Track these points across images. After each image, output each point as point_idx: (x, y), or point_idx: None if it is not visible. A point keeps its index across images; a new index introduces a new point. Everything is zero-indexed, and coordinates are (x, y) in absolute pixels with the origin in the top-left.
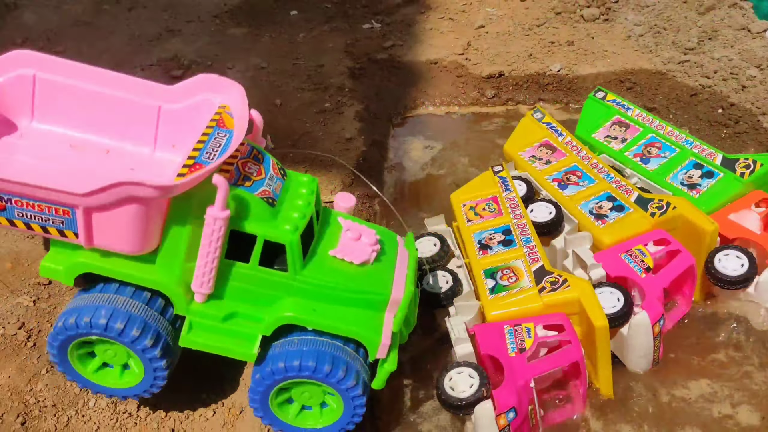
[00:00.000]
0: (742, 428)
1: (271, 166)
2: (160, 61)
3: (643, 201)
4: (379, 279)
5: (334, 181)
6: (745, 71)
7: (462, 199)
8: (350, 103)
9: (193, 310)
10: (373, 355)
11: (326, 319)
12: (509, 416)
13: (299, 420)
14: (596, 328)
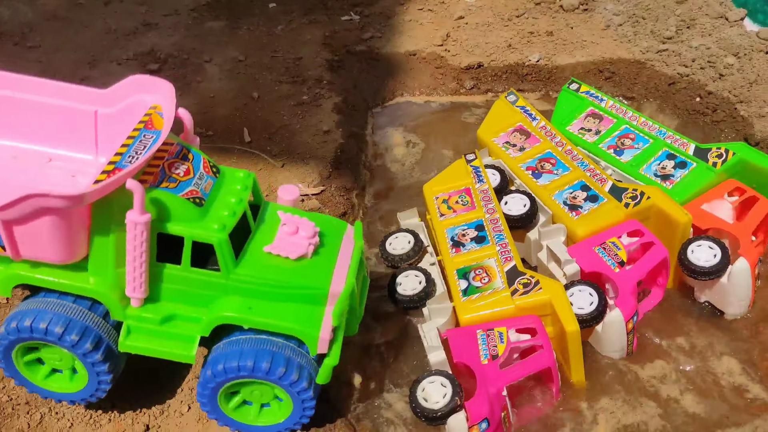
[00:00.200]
0: (687, 414)
1: (202, 164)
2: (137, 56)
3: (617, 191)
4: (318, 273)
5: (312, 174)
6: (723, 59)
7: (435, 191)
8: (328, 95)
9: (129, 315)
10: (313, 350)
11: (262, 317)
12: (482, 427)
13: (249, 417)
14: (567, 333)
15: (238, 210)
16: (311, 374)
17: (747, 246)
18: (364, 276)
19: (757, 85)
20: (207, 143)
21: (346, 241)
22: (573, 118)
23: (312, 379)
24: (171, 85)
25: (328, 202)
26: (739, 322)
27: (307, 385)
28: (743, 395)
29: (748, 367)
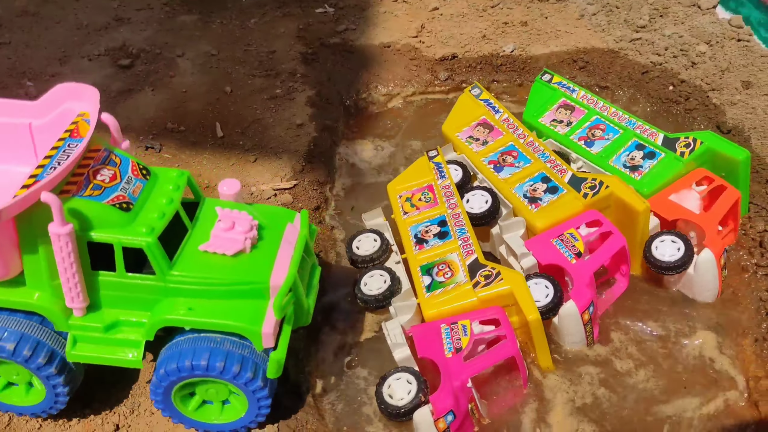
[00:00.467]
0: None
1: (130, 168)
2: (108, 51)
3: (577, 181)
4: (258, 267)
5: (285, 168)
6: (695, 47)
7: (398, 190)
8: (302, 88)
9: (73, 325)
10: (258, 345)
11: (203, 317)
12: (448, 419)
13: (204, 415)
14: (529, 321)
15: (168, 211)
16: (266, 371)
17: (712, 236)
18: (314, 265)
19: (729, 73)
20: (179, 139)
21: (289, 232)
22: (545, 110)
23: (267, 378)
24: (96, 90)
25: (301, 196)
26: (707, 307)
27: (262, 383)
28: (706, 376)
29: (713, 350)
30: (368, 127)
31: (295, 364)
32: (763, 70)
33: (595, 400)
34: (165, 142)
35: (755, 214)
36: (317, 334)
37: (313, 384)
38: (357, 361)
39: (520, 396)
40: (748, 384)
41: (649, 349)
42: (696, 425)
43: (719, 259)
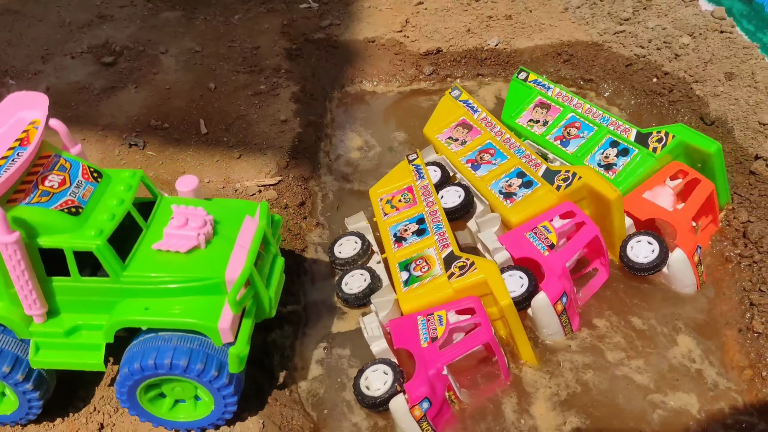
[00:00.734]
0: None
1: (80, 172)
2: (91, 48)
3: (550, 174)
4: (213, 262)
5: (269, 164)
6: (678, 40)
7: (379, 194)
8: (286, 84)
9: (34, 332)
10: (217, 341)
11: (159, 316)
12: (423, 407)
13: (172, 414)
14: (503, 306)
15: (119, 212)
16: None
17: (684, 234)
18: (276, 256)
19: (712, 65)
20: (162, 136)
21: (247, 225)
22: (522, 110)
23: (233, 375)
24: (45, 97)
25: (286, 192)
26: (690, 297)
27: (226, 381)
28: (690, 366)
29: (696, 341)
30: (353, 121)
31: (280, 360)
32: (745, 61)
33: (574, 391)
34: (149, 139)
35: (738, 205)
36: (303, 330)
37: (298, 380)
38: (342, 356)
39: (500, 386)
40: (731, 374)
41: (631, 339)
42: (680, 415)
43: (692, 257)
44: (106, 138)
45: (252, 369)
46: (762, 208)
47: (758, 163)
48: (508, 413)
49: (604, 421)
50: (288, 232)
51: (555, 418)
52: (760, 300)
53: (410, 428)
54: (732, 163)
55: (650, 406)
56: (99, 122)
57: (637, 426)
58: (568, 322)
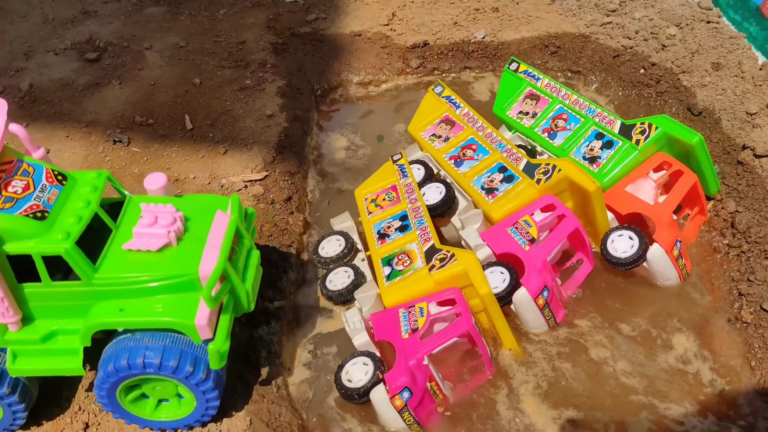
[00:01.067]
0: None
1: (44, 175)
2: (75, 45)
3: (531, 168)
4: (185, 258)
5: (255, 159)
6: (665, 30)
7: (364, 194)
8: (272, 79)
9: (10, 340)
10: (195, 338)
11: (134, 316)
12: (404, 396)
13: (155, 413)
14: (482, 296)
15: (86, 214)
16: (216, 372)
17: (662, 228)
18: (251, 249)
19: (699, 55)
20: (147, 132)
21: (219, 219)
22: (513, 101)
23: (213, 372)
24: (4, 102)
25: (273, 187)
26: (678, 288)
27: (203, 376)
28: (678, 357)
29: (685, 331)
30: (340, 116)
31: (267, 356)
32: (732, 51)
33: (559, 382)
34: (133, 135)
35: (726, 195)
36: (289, 326)
37: (285, 376)
38: (329, 352)
39: (484, 378)
40: (720, 363)
41: (619, 330)
42: (668, 404)
43: (671, 251)
44: (90, 135)
45: (239, 365)
46: (750, 198)
47: (746, 153)
48: (490, 405)
49: (589, 411)
50: (275, 227)
51: (538, 407)
52: (748, 290)
53: (391, 419)
54: (720, 154)
55: (636, 395)
56: (83, 119)
57: (623, 414)
58: (551, 315)
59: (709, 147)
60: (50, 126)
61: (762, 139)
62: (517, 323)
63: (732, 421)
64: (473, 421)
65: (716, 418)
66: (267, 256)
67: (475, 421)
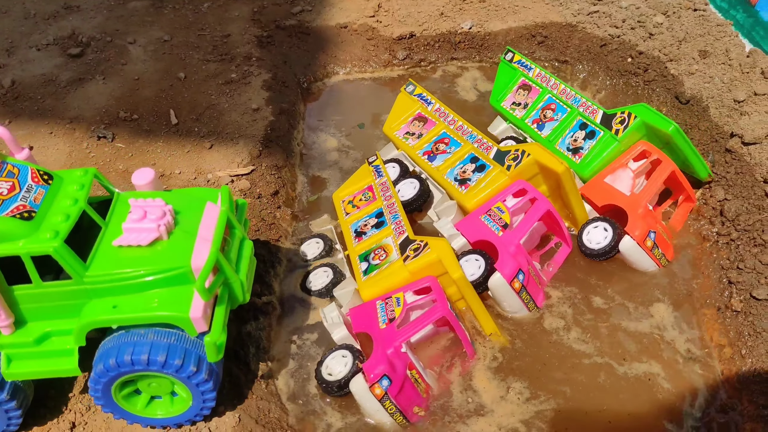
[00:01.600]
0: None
1: (30, 176)
2: (57, 40)
3: (501, 155)
4: (178, 251)
5: (242, 154)
6: (652, 18)
7: (341, 196)
8: (257, 72)
9: (4, 344)
10: (191, 331)
11: (128, 313)
12: (383, 384)
13: (149, 410)
14: (455, 280)
15: (73, 212)
16: (210, 365)
17: (634, 220)
18: (243, 239)
19: (686, 43)
20: (132, 127)
21: (209, 211)
22: (507, 92)
23: (212, 371)
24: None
25: (259, 182)
26: (668, 276)
27: (206, 377)
28: (667, 345)
29: (673, 319)
30: (326, 108)
31: (256, 352)
32: (719, 39)
33: (544, 368)
34: (117, 131)
35: (715, 183)
36: (277, 321)
37: (274, 371)
38: (317, 345)
39: (467, 365)
40: (710, 352)
41: (608, 317)
42: (659, 393)
43: (643, 242)
44: (74, 131)
45: (227, 362)
46: (738, 186)
47: (734, 140)
48: (469, 390)
49: (570, 399)
50: (262, 222)
51: (520, 392)
52: (738, 278)
53: (373, 409)
54: (708, 142)
55: (626, 382)
56: (66, 115)
57: (613, 402)
58: (530, 298)
59: (698, 135)
60: (33, 123)
61: (750, 126)
62: (499, 310)
63: (725, 410)
64: (449, 406)
65: (707, 409)
66: (254, 251)
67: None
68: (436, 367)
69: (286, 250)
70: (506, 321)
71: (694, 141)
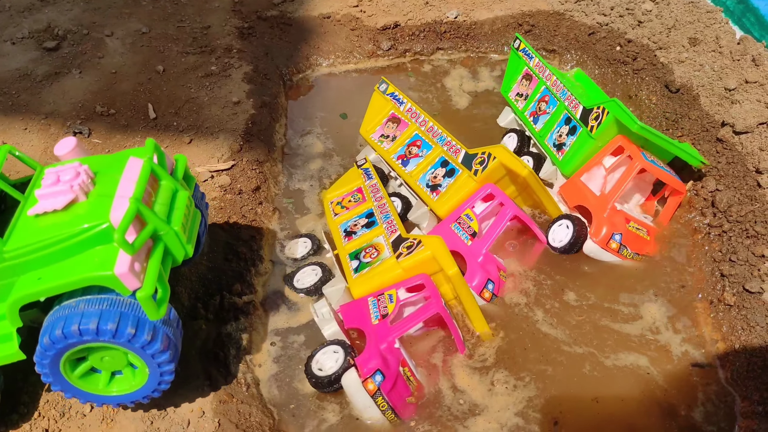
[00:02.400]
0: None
1: None
2: (33, 33)
3: (468, 158)
4: (97, 209)
5: (222, 148)
6: (641, 6)
7: (330, 198)
8: (238, 64)
9: None
10: (122, 290)
11: (53, 281)
12: (376, 379)
13: (103, 387)
14: (450, 276)
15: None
16: (167, 335)
17: (598, 223)
18: (177, 190)
19: (676, 30)
20: (109, 122)
21: (131, 165)
22: (513, 82)
23: (169, 340)
24: None
25: (240, 177)
26: (659, 269)
27: (162, 346)
28: (659, 340)
29: (666, 313)
30: (309, 100)
31: (236, 354)
32: (709, 26)
33: (533, 370)
34: (94, 126)
35: (707, 173)
36: (259, 321)
37: (256, 374)
38: (299, 345)
39: (457, 361)
40: (704, 347)
41: (599, 313)
42: (648, 389)
43: (606, 244)
44: (49, 127)
45: (206, 364)
46: (730, 176)
47: (725, 129)
48: (462, 388)
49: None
50: (243, 218)
51: (510, 390)
52: (730, 271)
53: (365, 405)
54: (698, 131)
55: (617, 380)
56: (41, 110)
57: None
58: (493, 296)
59: (688, 125)
60: (7, 118)
61: (741, 115)
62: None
63: (717, 405)
64: (441, 403)
65: (703, 404)
66: (234, 249)
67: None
68: (423, 367)
69: (269, 248)
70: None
71: (684, 130)
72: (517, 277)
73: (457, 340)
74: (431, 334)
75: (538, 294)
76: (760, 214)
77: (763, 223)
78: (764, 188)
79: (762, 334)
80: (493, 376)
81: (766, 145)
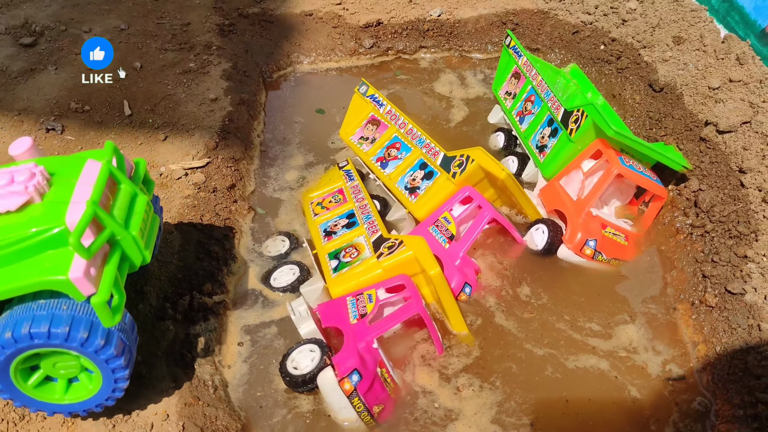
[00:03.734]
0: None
1: None
2: (9, 29)
3: (447, 161)
4: (52, 211)
5: (197, 146)
6: (625, 4)
7: (310, 197)
8: (217, 62)
9: None
10: (77, 296)
11: (5, 285)
12: (353, 379)
13: (55, 395)
14: (431, 276)
15: None
16: (122, 340)
17: (573, 229)
18: (136, 194)
19: (660, 29)
20: (83, 119)
21: (89, 168)
22: (504, 79)
23: (124, 346)
24: None
25: (215, 175)
26: (640, 270)
27: (116, 351)
28: (641, 343)
29: (646, 315)
30: (288, 98)
31: (204, 355)
32: (693, 25)
33: (506, 371)
34: (68, 123)
35: (690, 173)
36: (230, 321)
37: (223, 375)
38: (272, 348)
39: (435, 361)
40: (684, 349)
41: (580, 313)
42: (637, 391)
43: (580, 251)
44: (21, 123)
45: (171, 366)
46: (713, 176)
47: (708, 129)
48: (440, 389)
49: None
50: (216, 216)
51: (488, 392)
52: (712, 272)
53: (340, 405)
54: (682, 130)
55: (600, 380)
56: (15, 107)
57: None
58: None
59: (672, 124)
60: None
61: (725, 114)
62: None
63: (698, 410)
64: (417, 405)
65: (680, 410)
66: (207, 248)
67: (420, 406)
68: (401, 368)
69: (243, 247)
70: None
71: (667, 130)
72: (492, 279)
73: (436, 341)
74: (408, 335)
75: (512, 296)
76: (743, 214)
77: (746, 224)
78: (747, 188)
79: (743, 336)
80: (471, 378)
81: (750, 145)
